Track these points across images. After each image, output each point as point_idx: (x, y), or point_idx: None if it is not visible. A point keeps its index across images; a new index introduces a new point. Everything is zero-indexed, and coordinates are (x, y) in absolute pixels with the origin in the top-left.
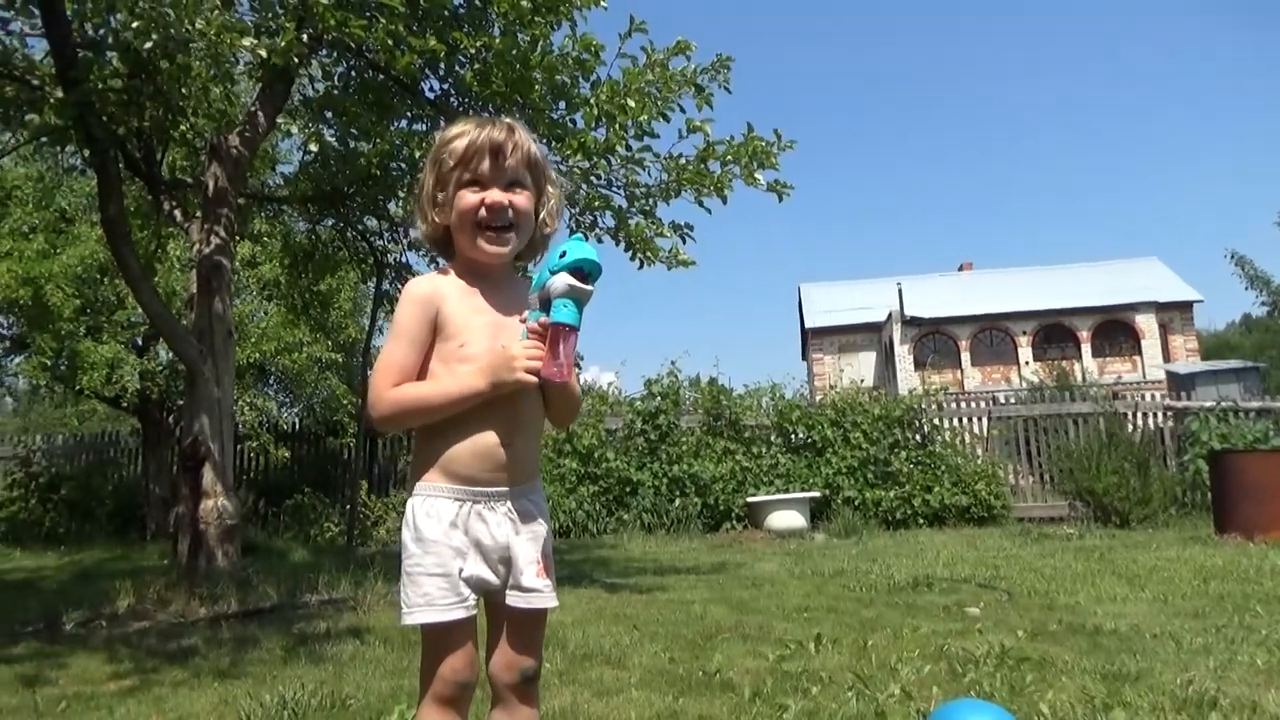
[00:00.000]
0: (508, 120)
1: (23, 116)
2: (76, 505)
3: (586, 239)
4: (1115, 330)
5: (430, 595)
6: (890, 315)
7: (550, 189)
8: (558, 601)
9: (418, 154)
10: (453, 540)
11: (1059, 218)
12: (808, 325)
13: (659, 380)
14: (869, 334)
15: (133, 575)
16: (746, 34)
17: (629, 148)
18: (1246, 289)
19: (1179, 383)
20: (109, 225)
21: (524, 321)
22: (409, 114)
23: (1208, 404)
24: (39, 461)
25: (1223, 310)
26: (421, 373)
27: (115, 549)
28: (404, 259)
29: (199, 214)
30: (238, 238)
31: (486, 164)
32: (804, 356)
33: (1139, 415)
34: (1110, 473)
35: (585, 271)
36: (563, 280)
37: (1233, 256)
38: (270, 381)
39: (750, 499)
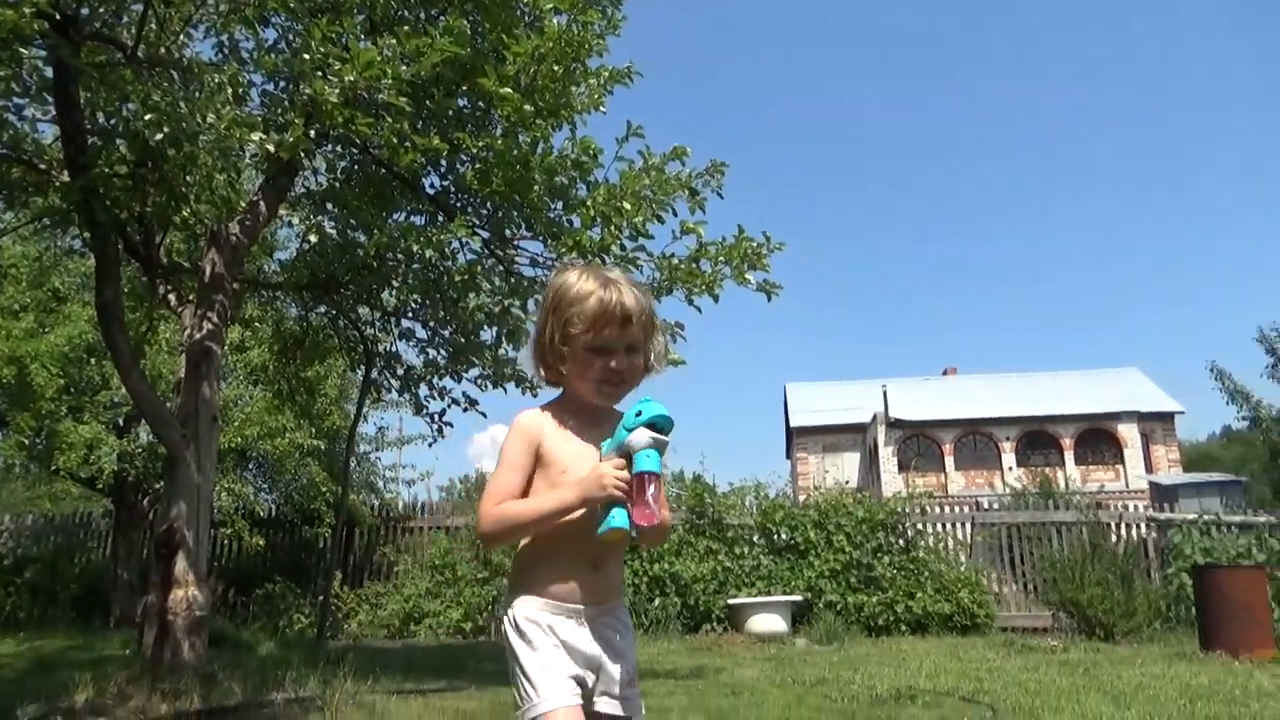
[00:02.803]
0: (624, 279)
1: (27, 198)
2: (40, 589)
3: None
4: (1098, 438)
5: (546, 688)
6: (875, 417)
7: (657, 337)
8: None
9: (415, 246)
10: (553, 641)
11: (1041, 325)
12: (793, 424)
13: None
14: (853, 435)
15: (94, 665)
16: (741, 136)
17: (624, 247)
18: (1228, 403)
19: (1162, 494)
20: (103, 309)
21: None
22: (408, 208)
23: (1190, 516)
24: (5, 543)
25: (1204, 422)
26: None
27: (77, 636)
28: (394, 348)
29: (193, 299)
30: (230, 323)
31: (614, 331)
32: (788, 455)
33: (1123, 526)
34: (1094, 584)
35: (660, 426)
36: (644, 435)
37: (1214, 370)
38: (250, 467)
39: (731, 600)
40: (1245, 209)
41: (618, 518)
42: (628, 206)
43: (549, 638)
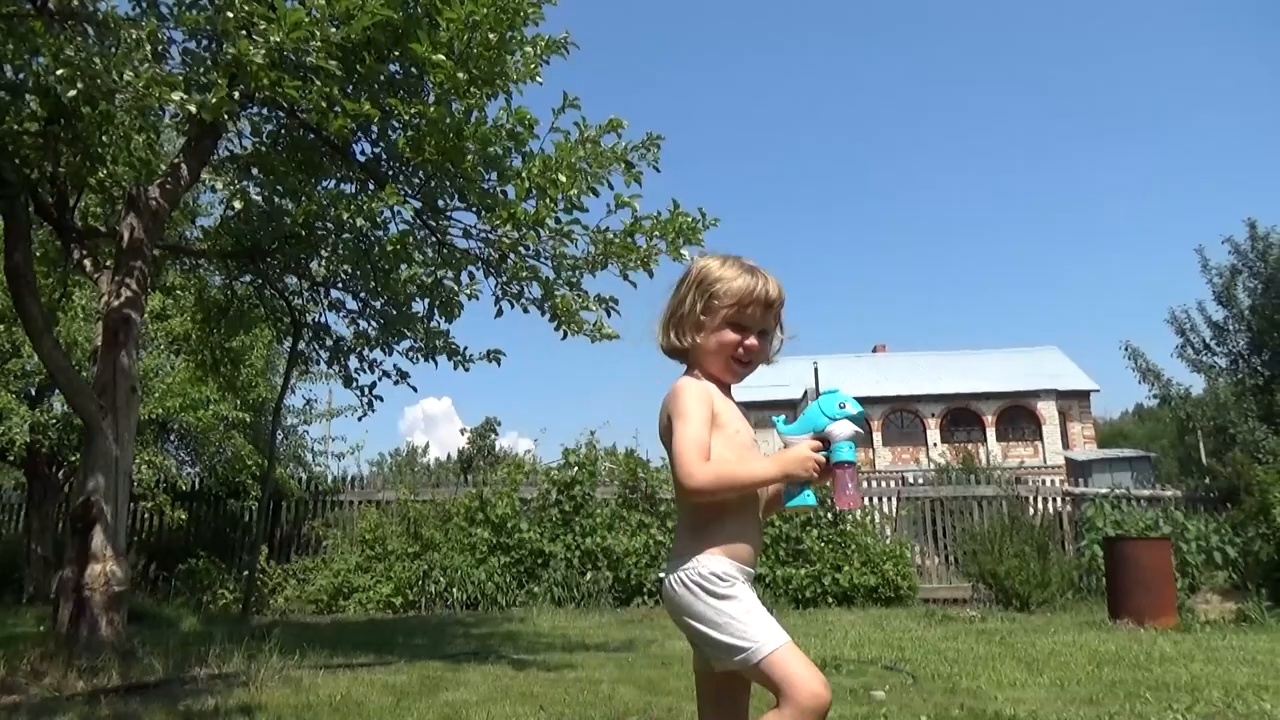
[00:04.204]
0: (765, 271)
1: None
2: None
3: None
4: (1018, 416)
5: (766, 627)
6: (805, 393)
7: (780, 331)
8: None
9: (344, 215)
10: (750, 590)
11: (967, 304)
12: None
13: (577, 450)
14: (784, 411)
15: (5, 643)
16: (678, 111)
17: (558, 220)
18: (1139, 382)
19: (1076, 469)
20: (12, 273)
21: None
22: (338, 175)
23: (1103, 491)
24: None
25: (1118, 399)
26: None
27: None
28: (322, 319)
29: (110, 265)
30: (149, 290)
31: (755, 313)
32: None
33: (1040, 500)
34: (1012, 556)
35: (858, 421)
36: (848, 427)
37: (1127, 349)
38: (171, 439)
39: (663, 574)
40: (1163, 191)
41: (809, 496)
42: (562, 179)
43: (746, 586)
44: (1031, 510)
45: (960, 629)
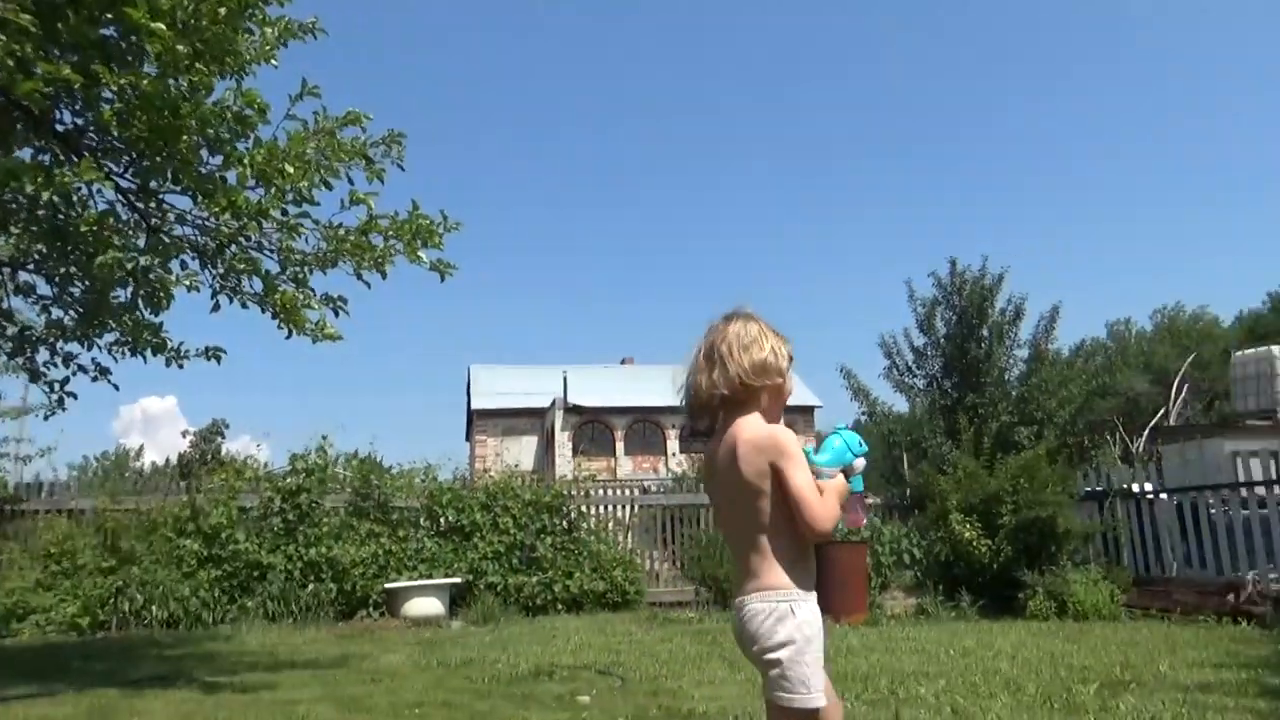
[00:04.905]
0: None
1: None
2: None
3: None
4: None
5: (824, 685)
6: (554, 402)
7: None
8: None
9: (30, 187)
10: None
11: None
12: (474, 406)
13: (306, 455)
14: (533, 419)
15: None
16: (443, 118)
17: (285, 213)
18: (852, 399)
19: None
20: None
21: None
22: (34, 145)
23: None
24: None
25: (839, 414)
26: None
27: None
28: (6, 305)
29: None
30: None
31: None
32: (468, 437)
33: None
34: (730, 560)
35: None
36: (862, 462)
37: (842, 370)
38: None
39: (388, 585)
40: (891, 218)
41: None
42: (290, 169)
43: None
44: None
45: (677, 630)
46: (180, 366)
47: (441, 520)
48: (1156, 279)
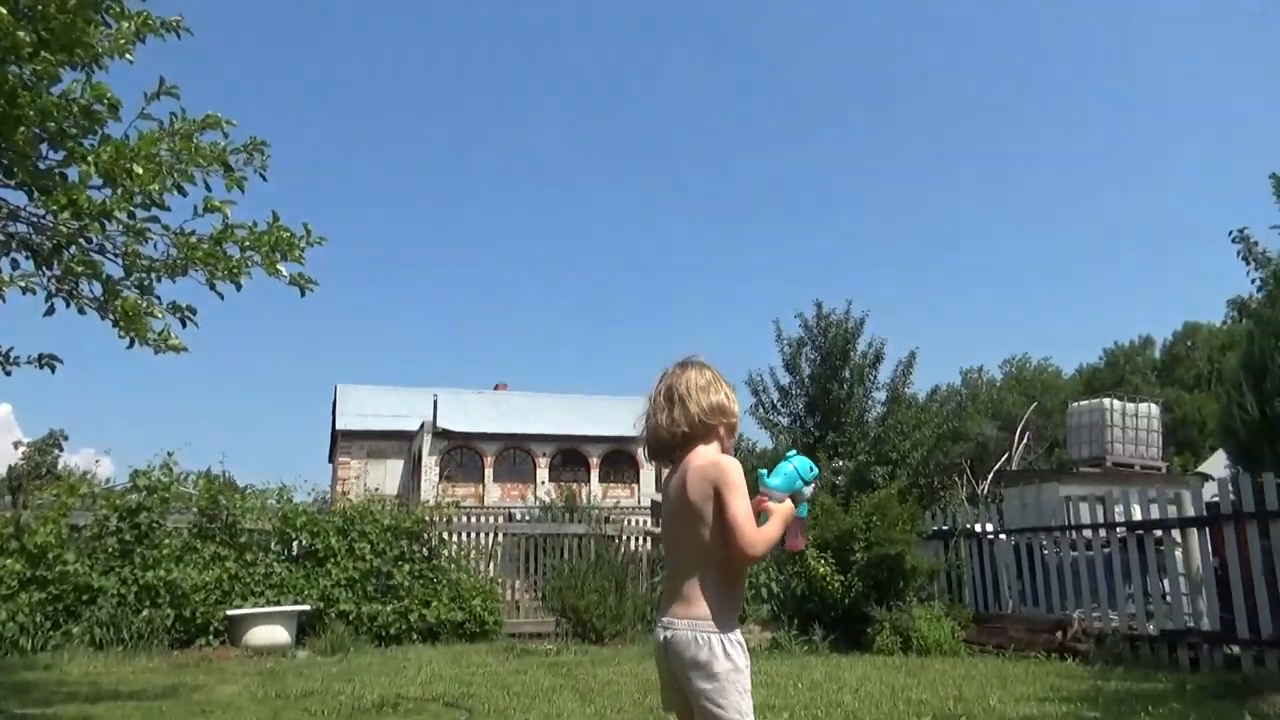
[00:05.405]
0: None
1: None
2: None
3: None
4: (620, 459)
5: (752, 711)
6: (423, 425)
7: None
8: None
9: None
10: None
11: (586, 349)
12: (339, 427)
13: (149, 471)
14: (400, 442)
15: None
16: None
17: (133, 215)
18: None
19: (658, 510)
20: None
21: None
22: None
23: None
24: None
25: None
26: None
27: None
28: None
29: None
30: None
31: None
32: (331, 458)
33: (626, 538)
34: (593, 591)
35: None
36: (811, 489)
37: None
38: None
39: (230, 611)
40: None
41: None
42: (139, 170)
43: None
44: (620, 548)
45: (533, 662)
46: (7, 374)
47: (294, 544)
48: (1008, 330)
